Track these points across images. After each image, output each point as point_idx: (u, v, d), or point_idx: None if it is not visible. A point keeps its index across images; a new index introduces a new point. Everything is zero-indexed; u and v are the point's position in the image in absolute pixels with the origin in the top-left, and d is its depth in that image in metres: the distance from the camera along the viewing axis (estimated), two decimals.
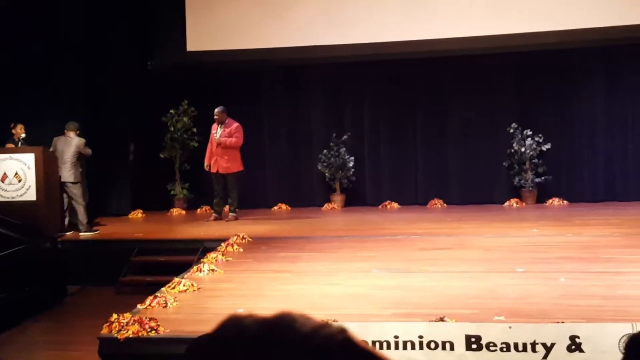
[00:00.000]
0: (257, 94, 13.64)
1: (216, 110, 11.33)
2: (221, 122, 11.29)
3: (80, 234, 10.63)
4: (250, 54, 12.85)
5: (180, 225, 11.72)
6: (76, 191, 10.69)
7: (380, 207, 13.20)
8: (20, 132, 11.17)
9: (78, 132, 10.90)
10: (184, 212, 13.21)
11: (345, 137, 13.25)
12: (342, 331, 0.98)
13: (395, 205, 13.19)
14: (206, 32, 13.04)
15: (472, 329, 5.03)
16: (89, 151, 10.87)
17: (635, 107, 12.70)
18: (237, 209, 11.57)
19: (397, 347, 5.06)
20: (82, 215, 10.72)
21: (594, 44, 12.34)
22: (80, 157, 10.76)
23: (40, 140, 10.56)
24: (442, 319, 5.26)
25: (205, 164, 11.47)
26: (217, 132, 11.31)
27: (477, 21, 12.20)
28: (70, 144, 10.67)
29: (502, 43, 12.24)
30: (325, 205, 13.30)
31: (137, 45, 13.25)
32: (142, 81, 13.34)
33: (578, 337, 4.86)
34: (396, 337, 5.09)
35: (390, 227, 10.54)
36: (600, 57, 12.74)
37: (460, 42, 12.29)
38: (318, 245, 9.23)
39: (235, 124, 11.30)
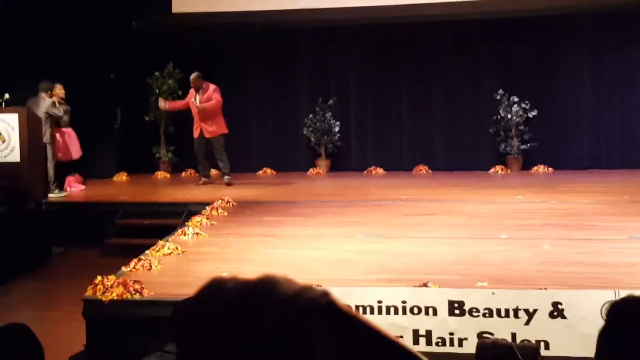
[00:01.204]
0: (242, 58, 13.53)
1: (191, 76, 11.18)
2: (198, 88, 11.16)
3: (49, 194, 10.52)
4: (235, 17, 12.72)
5: (165, 188, 11.70)
6: (46, 152, 10.57)
7: (365, 172, 13.20)
8: (60, 92, 10.92)
9: (49, 92, 10.71)
10: (168, 175, 13.16)
11: (331, 101, 13.20)
12: (325, 295, 0.97)
13: (380, 170, 13.19)
14: None
15: (455, 295, 5.07)
16: (56, 112, 10.62)
17: (621, 74, 12.71)
18: (230, 172, 11.51)
19: (380, 312, 5.09)
20: (49, 176, 10.61)
21: (580, 10, 12.30)
22: (49, 118, 10.59)
23: (22, 101, 10.44)
24: (425, 285, 5.28)
25: (162, 101, 11.60)
26: (195, 99, 11.19)
27: None
28: (39, 104, 10.55)
29: (487, 8, 12.18)
30: (310, 170, 13.29)
31: (121, 6, 13.08)
32: (127, 42, 13.20)
33: (560, 304, 4.90)
34: (379, 302, 5.12)
35: (375, 193, 10.55)
36: (586, 24, 12.70)
37: (447, 7, 12.22)
38: (303, 210, 9.23)
39: (212, 86, 11.17)
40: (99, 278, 5.76)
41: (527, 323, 4.92)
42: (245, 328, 0.95)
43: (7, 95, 10.25)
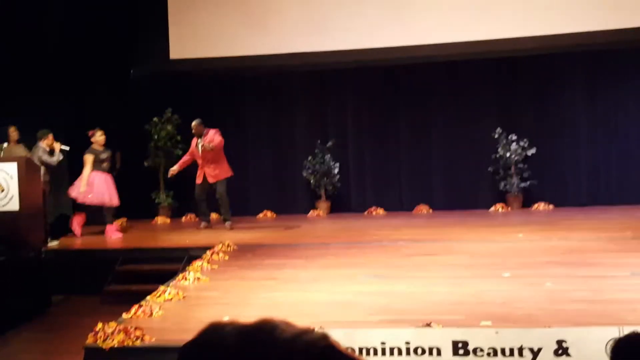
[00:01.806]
0: (240, 102, 13.62)
1: (193, 123, 11.24)
2: (200, 134, 11.22)
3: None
4: (233, 62, 12.83)
5: (165, 233, 11.67)
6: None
7: (365, 213, 13.19)
8: (100, 139, 11.03)
9: (44, 139, 10.76)
10: (168, 220, 13.14)
11: (329, 143, 13.24)
12: (325, 338, 0.96)
13: (380, 211, 13.18)
14: (189, 40, 13.02)
15: (459, 335, 5.02)
16: (47, 159, 10.61)
17: (617, 111, 12.77)
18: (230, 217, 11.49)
19: (383, 354, 5.04)
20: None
21: (575, 49, 12.40)
22: (43, 166, 10.59)
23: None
24: (428, 325, 5.24)
25: (174, 168, 11.43)
26: (198, 145, 11.25)
27: (459, 27, 12.23)
28: (34, 152, 10.61)
29: (484, 49, 12.29)
30: (311, 212, 13.28)
31: (120, 53, 13.19)
32: (125, 89, 13.29)
33: (565, 342, 4.86)
34: (383, 343, 5.07)
35: (376, 234, 10.53)
36: (582, 62, 12.81)
37: (443, 48, 12.32)
38: (304, 252, 9.20)
39: (212, 130, 11.24)
40: (100, 325, 5.72)
41: None
42: None
43: (5, 145, 10.27)
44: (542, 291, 6.47)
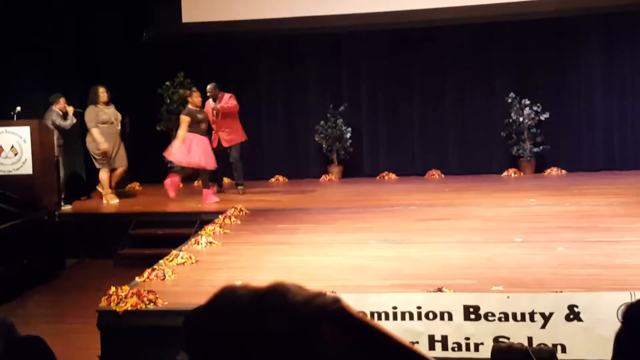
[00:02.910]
0: (253, 66, 13.56)
1: (208, 87, 11.20)
2: (215, 98, 11.20)
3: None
4: (246, 25, 12.75)
5: (177, 198, 11.71)
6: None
7: (377, 178, 13.17)
8: (196, 99, 10.66)
9: (56, 103, 10.73)
10: (181, 184, 13.16)
11: (342, 108, 13.20)
12: (336, 301, 0.96)
13: (393, 176, 13.17)
14: (202, 3, 12.93)
15: (471, 299, 5.04)
16: (61, 122, 10.59)
17: (634, 75, 12.64)
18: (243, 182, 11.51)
19: (395, 318, 5.07)
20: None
21: (591, 11, 12.26)
22: (56, 130, 10.58)
23: (34, 114, 10.48)
24: (440, 290, 5.26)
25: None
26: (212, 109, 11.24)
27: None
28: (47, 117, 10.61)
29: (499, 11, 12.15)
30: (323, 176, 13.28)
31: (132, 16, 13.14)
32: (137, 52, 13.25)
33: (576, 307, 4.87)
34: (394, 307, 5.09)
35: (388, 198, 10.53)
36: (598, 25, 12.66)
37: (457, 11, 12.20)
38: (316, 217, 9.22)
39: (227, 95, 11.22)
40: (113, 289, 5.77)
41: (543, 327, 4.89)
42: (257, 335, 0.94)
43: (18, 108, 10.29)
44: (554, 256, 6.47)
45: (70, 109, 10.81)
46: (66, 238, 9.72)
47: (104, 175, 11.06)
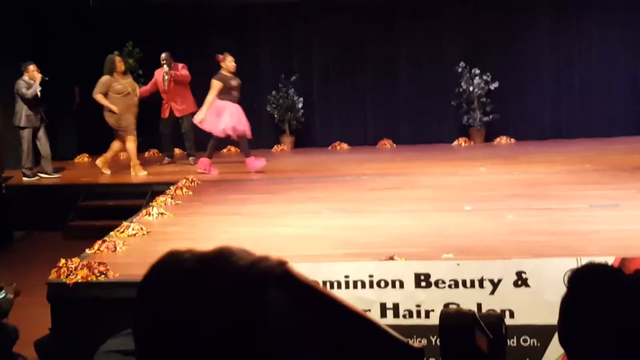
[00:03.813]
0: (204, 36, 13.39)
1: (163, 55, 11.15)
2: (169, 65, 11.10)
3: (23, 178, 10.40)
4: None
5: (128, 168, 11.57)
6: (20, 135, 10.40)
7: (330, 148, 13.19)
8: (230, 65, 10.15)
9: (26, 72, 10.46)
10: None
11: (293, 78, 13.15)
12: (281, 264, 0.97)
13: (345, 146, 13.20)
14: None
15: (421, 267, 5.09)
16: (24, 91, 10.29)
17: (581, 44, 12.81)
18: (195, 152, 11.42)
19: (347, 287, 5.10)
20: (23, 159, 10.45)
21: None
22: (22, 99, 10.36)
23: None
24: (391, 258, 5.31)
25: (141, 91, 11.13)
26: (164, 77, 11.13)
27: None
28: (16, 85, 10.37)
29: None
30: (275, 146, 13.25)
31: None
32: (84, 20, 12.98)
33: (524, 273, 4.95)
34: (347, 276, 5.13)
35: (340, 168, 10.56)
36: None
37: None
38: (268, 187, 9.21)
39: (180, 64, 11.17)
40: (63, 261, 5.70)
41: (492, 293, 4.97)
42: (201, 296, 0.95)
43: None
44: (503, 224, 6.57)
45: (38, 77, 10.44)
46: (14, 210, 9.56)
47: (131, 145, 10.59)
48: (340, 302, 1.01)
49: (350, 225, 6.87)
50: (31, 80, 10.38)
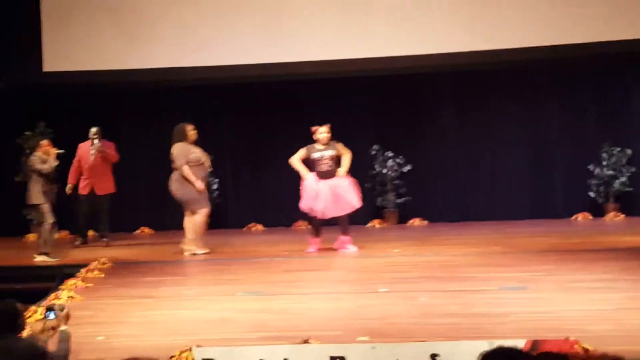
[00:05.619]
0: (117, 116, 13.33)
1: (94, 129, 11.09)
2: (99, 140, 11.01)
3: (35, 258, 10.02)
4: (108, 76, 12.53)
5: (37, 251, 11.26)
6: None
7: (244, 229, 13.15)
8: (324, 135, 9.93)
9: (38, 148, 10.25)
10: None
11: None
12: None
13: (260, 227, 13.19)
14: (63, 53, 12.61)
15: (336, 350, 5.08)
16: (40, 167, 9.90)
17: (485, 130, 13.24)
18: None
19: None
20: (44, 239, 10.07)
21: (445, 69, 12.78)
22: (38, 175, 9.95)
23: None
24: (306, 341, 5.28)
25: (69, 185, 11.01)
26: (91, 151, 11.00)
27: (336, 45, 12.33)
28: (32, 163, 10.08)
29: (360, 67, 12.45)
30: None
31: None
32: None
33: (438, 355, 4.99)
34: None
35: (255, 250, 10.55)
36: (451, 82, 13.24)
37: (319, 65, 12.39)
38: (182, 270, 9.11)
39: (110, 142, 11.13)
40: None
41: None
42: None
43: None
44: (416, 306, 6.64)
45: (53, 151, 10.16)
46: None
47: (201, 219, 10.01)
48: None
49: (265, 307, 6.83)
50: (44, 155, 10.10)
